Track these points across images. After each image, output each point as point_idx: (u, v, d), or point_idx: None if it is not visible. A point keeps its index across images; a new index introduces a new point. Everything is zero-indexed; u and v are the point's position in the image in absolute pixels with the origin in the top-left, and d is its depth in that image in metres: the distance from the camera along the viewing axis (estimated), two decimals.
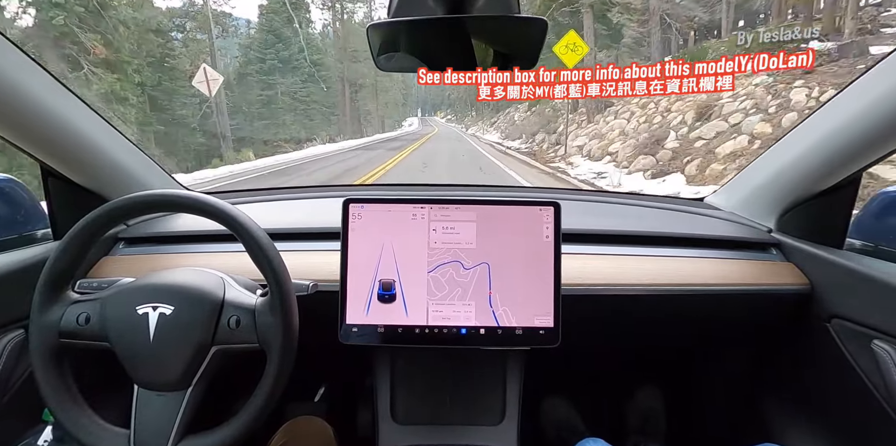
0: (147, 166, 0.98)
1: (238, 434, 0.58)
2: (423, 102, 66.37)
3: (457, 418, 0.86)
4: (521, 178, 8.01)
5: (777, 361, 0.98)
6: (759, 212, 0.98)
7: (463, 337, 0.73)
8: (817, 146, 0.79)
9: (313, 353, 0.73)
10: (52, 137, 0.75)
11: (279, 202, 1.17)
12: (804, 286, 0.84)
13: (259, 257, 0.61)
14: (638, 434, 1.20)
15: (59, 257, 0.60)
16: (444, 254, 0.74)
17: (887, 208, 0.85)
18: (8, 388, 0.73)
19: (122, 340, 0.59)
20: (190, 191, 0.69)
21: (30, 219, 0.91)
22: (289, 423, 0.86)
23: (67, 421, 0.58)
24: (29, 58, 0.68)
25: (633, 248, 0.90)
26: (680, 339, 1.07)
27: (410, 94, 54.94)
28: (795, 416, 0.93)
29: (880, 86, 0.67)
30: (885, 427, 0.71)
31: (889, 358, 0.69)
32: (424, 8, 0.61)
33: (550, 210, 0.73)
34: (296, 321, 0.61)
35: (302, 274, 0.73)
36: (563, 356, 0.81)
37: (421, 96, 63.92)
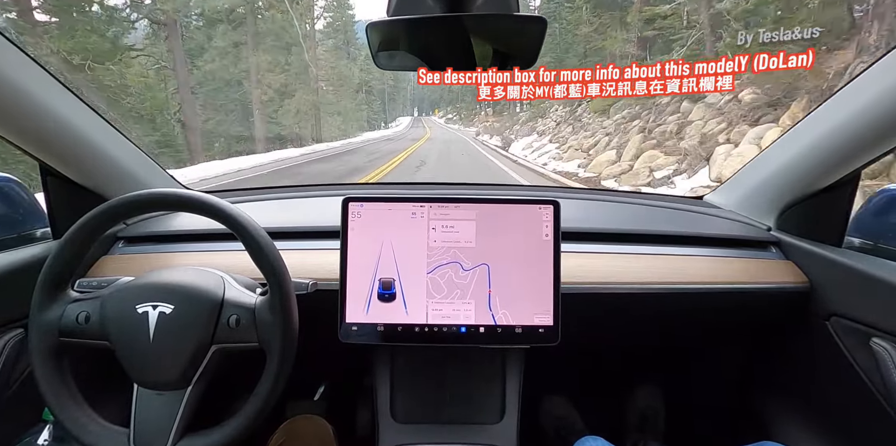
0: (146, 165, 0.98)
1: (237, 433, 0.58)
2: (420, 100, 60.68)
3: (456, 417, 0.86)
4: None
5: (776, 359, 0.98)
6: (759, 211, 0.98)
7: (462, 335, 0.73)
8: (816, 144, 0.79)
9: (313, 352, 0.73)
10: (50, 136, 0.75)
11: (279, 201, 1.16)
12: (803, 284, 0.84)
13: (259, 256, 0.61)
14: (637, 432, 1.20)
15: (59, 256, 0.60)
16: (443, 255, 0.74)
17: (886, 206, 0.85)
18: (8, 388, 0.73)
19: (121, 339, 0.59)
20: (189, 189, 0.69)
21: (29, 219, 0.91)
22: (288, 422, 0.86)
23: (67, 420, 0.58)
24: (28, 57, 0.68)
25: (633, 247, 0.90)
26: (679, 337, 1.08)
27: (398, 91, 49.33)
28: (794, 414, 0.93)
29: (878, 84, 0.67)
30: (883, 424, 0.71)
31: (888, 355, 0.69)
32: (423, 6, 0.61)
33: (550, 208, 0.73)
34: (295, 320, 0.61)
35: (302, 273, 0.73)
36: (562, 354, 0.81)
37: (418, 94, 59.30)
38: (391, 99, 49.08)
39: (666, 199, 1.19)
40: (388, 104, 47.12)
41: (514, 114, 20.25)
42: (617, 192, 1.63)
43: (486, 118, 24.93)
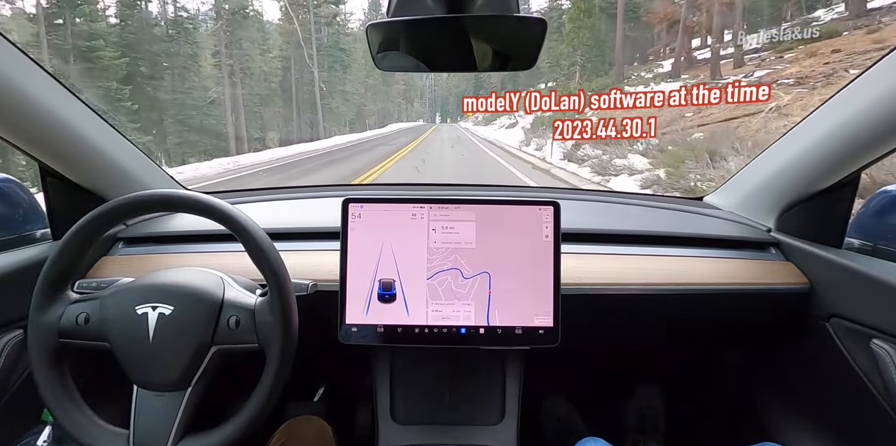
0: (146, 166, 0.98)
1: (237, 434, 0.58)
2: (444, 101, 40.98)
3: (456, 418, 0.86)
4: None
5: (776, 360, 0.98)
6: (759, 212, 0.98)
7: (463, 336, 0.73)
8: (816, 145, 0.79)
9: (313, 353, 0.72)
10: (50, 137, 0.75)
11: (279, 202, 1.16)
12: (803, 285, 0.84)
13: (258, 257, 0.61)
14: (637, 433, 1.20)
15: (58, 257, 0.60)
16: (443, 260, 0.74)
17: (886, 207, 0.85)
18: (7, 389, 0.73)
19: (121, 340, 0.59)
20: (189, 190, 0.69)
21: (28, 219, 0.91)
22: (288, 423, 0.86)
23: (66, 421, 0.58)
24: (28, 57, 0.68)
25: (633, 248, 0.90)
26: (679, 338, 1.07)
27: (411, 89, 36.37)
28: (794, 415, 0.93)
29: (878, 85, 0.67)
30: (883, 425, 0.71)
31: (888, 357, 0.69)
32: (423, 7, 0.61)
33: (550, 209, 0.73)
34: (295, 321, 0.61)
35: (301, 273, 0.73)
36: (562, 355, 0.81)
37: (441, 93, 40.35)
38: (406, 100, 37.31)
39: (666, 200, 1.19)
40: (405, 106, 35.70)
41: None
42: (617, 193, 1.64)
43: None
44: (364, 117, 28.19)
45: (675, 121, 8.10)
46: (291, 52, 21.81)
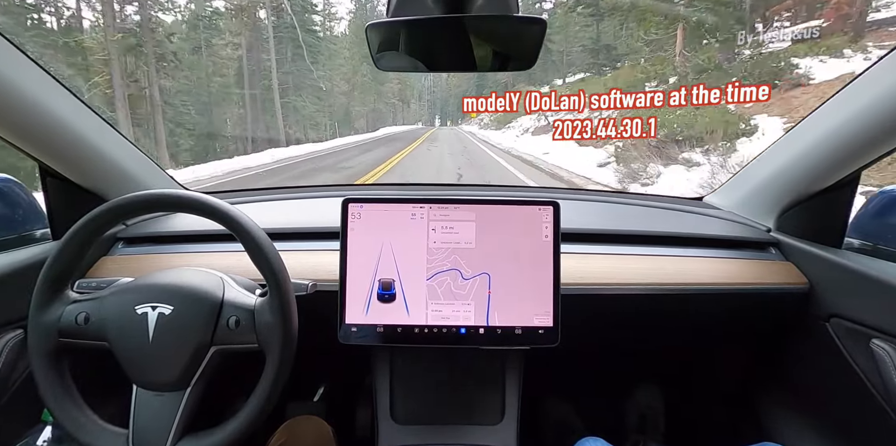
0: (146, 166, 0.98)
1: (237, 434, 0.58)
2: (444, 103, 39.20)
3: (456, 418, 0.86)
4: None
5: (776, 360, 0.98)
6: (758, 212, 0.98)
7: (462, 336, 0.73)
8: (816, 145, 0.79)
9: (313, 353, 0.73)
10: (50, 137, 0.75)
11: (278, 202, 1.16)
12: (803, 285, 0.84)
13: (258, 257, 0.61)
14: (637, 433, 1.20)
15: (58, 257, 0.60)
16: (443, 260, 0.74)
17: (886, 208, 0.85)
18: (7, 388, 0.73)
19: (120, 340, 0.59)
20: (189, 190, 0.69)
21: (28, 219, 0.91)
22: (288, 422, 0.86)
23: (66, 420, 0.58)
24: (28, 57, 0.68)
25: (632, 248, 0.90)
26: (679, 338, 1.07)
27: (408, 89, 34.59)
28: (794, 415, 0.93)
29: (878, 86, 0.67)
30: (883, 425, 0.71)
31: (887, 357, 0.69)
32: (423, 7, 0.61)
33: (550, 209, 0.73)
34: (295, 321, 0.61)
35: (301, 273, 0.73)
36: (562, 355, 0.81)
37: (440, 95, 39.27)
38: (402, 101, 34.82)
39: (665, 200, 1.19)
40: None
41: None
42: (617, 193, 1.64)
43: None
44: (351, 119, 24.79)
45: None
46: (245, 32, 16.32)
